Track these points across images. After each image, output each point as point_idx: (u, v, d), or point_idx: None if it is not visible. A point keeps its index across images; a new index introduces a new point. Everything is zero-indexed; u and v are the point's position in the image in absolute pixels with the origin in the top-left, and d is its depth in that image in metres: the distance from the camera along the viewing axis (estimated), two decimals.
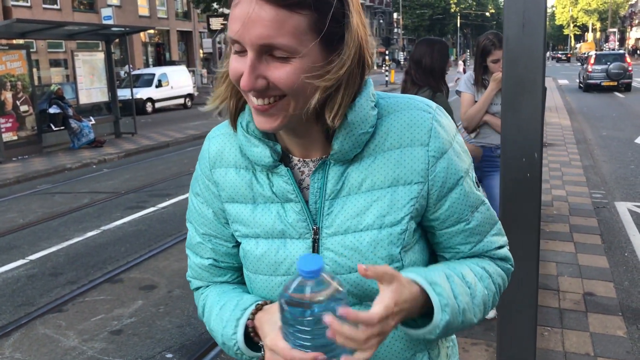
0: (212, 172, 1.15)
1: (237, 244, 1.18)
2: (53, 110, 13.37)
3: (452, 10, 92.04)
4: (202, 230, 1.19)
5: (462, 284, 1.04)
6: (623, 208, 6.90)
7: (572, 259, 5.07)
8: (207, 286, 1.23)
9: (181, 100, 26.22)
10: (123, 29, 15.69)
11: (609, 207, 6.90)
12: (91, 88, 14.86)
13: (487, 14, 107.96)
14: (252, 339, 1.07)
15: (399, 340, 1.09)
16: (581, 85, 26.65)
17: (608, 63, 24.48)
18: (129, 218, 7.42)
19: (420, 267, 1.06)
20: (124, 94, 16.66)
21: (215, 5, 34.72)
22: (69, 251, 6.22)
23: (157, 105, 24.63)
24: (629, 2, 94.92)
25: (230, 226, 1.15)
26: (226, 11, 31.96)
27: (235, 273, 1.22)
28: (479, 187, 1.13)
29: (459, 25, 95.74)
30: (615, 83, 24.31)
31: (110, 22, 24.66)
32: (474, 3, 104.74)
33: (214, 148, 1.16)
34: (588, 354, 3.54)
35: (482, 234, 1.12)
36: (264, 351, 1.05)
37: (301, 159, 1.09)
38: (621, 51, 30.90)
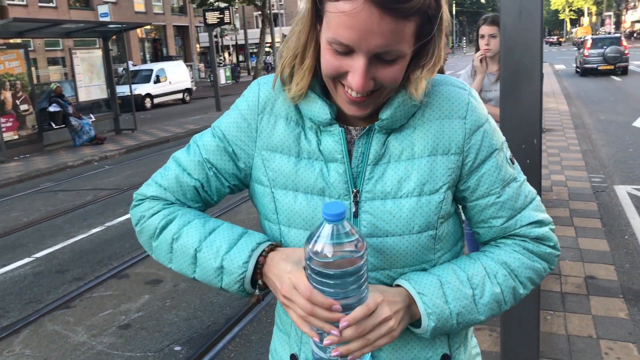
0: (259, 117, 1.16)
1: (231, 187, 1.21)
2: (53, 108, 13.38)
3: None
4: (207, 156, 1.19)
5: (461, 288, 1.08)
6: (622, 191, 6.94)
7: (573, 243, 5.12)
8: (172, 202, 1.19)
9: (179, 95, 26.23)
10: (120, 26, 15.68)
11: (608, 191, 6.94)
12: (90, 85, 14.87)
13: (483, 0, 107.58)
14: (253, 275, 1.09)
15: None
16: (578, 69, 26.77)
17: (604, 47, 24.62)
18: None
19: (415, 274, 1.10)
20: (122, 90, 16.68)
21: None
22: (74, 248, 6.27)
23: (156, 100, 24.64)
24: None
25: (266, 173, 1.15)
26: (222, 5, 31.91)
27: (204, 206, 1.23)
28: (513, 164, 1.16)
29: (454, 12, 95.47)
30: (612, 67, 24.43)
31: (107, 19, 24.65)
32: None
33: (265, 94, 1.17)
34: (591, 337, 3.59)
35: (514, 209, 1.14)
36: (258, 290, 1.10)
37: (346, 126, 1.13)
38: (617, 35, 31.12)
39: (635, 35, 72.11)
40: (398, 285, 1.09)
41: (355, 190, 1.10)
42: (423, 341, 1.15)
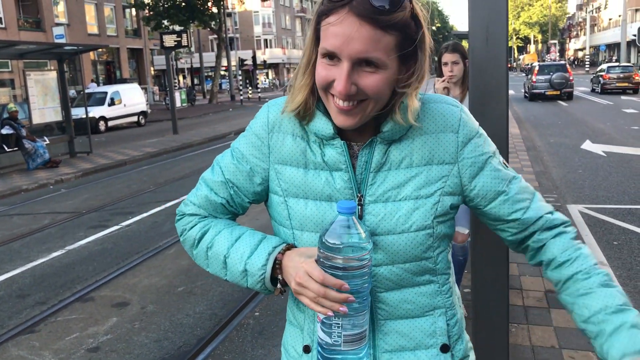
0: (269, 136, 1.30)
1: (252, 201, 1.37)
2: (5, 131, 13.05)
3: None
4: (229, 177, 1.34)
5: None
6: (575, 210, 7.26)
7: None
8: (205, 217, 1.38)
9: (135, 118, 25.91)
10: (76, 48, 15.48)
11: (562, 210, 7.24)
12: (44, 107, 14.59)
13: (434, 28, 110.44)
14: (273, 273, 1.24)
15: (422, 296, 1.28)
16: (526, 94, 28.07)
17: (551, 73, 26.09)
18: (93, 237, 7.35)
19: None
20: (76, 113, 16.38)
21: (165, 22, 34.66)
22: (34, 272, 6.13)
23: (110, 123, 24.28)
24: (567, 15, 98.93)
25: (279, 184, 1.30)
26: (177, 28, 31.87)
27: (234, 217, 1.41)
28: (507, 167, 1.30)
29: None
30: (558, 92, 25.76)
31: (63, 40, 24.27)
32: None
33: (273, 115, 1.31)
34: (553, 347, 3.75)
35: (525, 200, 1.27)
36: (279, 284, 1.25)
37: (348, 142, 1.26)
38: (563, 62, 32.70)
39: (577, 62, 75.44)
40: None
41: (359, 195, 1.23)
42: (425, 330, 1.28)
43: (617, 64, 33.17)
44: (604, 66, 30.82)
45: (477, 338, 3.06)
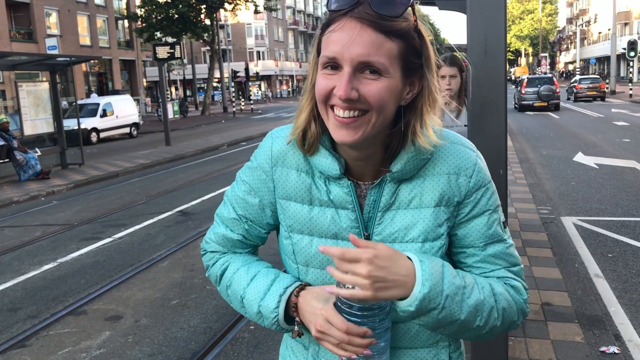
0: (272, 169, 1.27)
1: (268, 231, 1.35)
2: None
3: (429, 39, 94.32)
4: (241, 212, 1.32)
5: (456, 278, 1.12)
6: (569, 222, 7.27)
7: (527, 271, 5.32)
8: (225, 252, 1.37)
9: (127, 130, 25.85)
10: (69, 59, 15.44)
11: (556, 222, 7.26)
12: (36, 119, 14.52)
13: None
14: (289, 313, 1.22)
15: (425, 330, 1.24)
16: (516, 105, 29.60)
17: (539, 86, 27.92)
18: (85, 249, 7.28)
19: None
20: (67, 124, 16.30)
21: (158, 34, 34.70)
22: (26, 285, 6.05)
23: (102, 135, 24.21)
24: (557, 29, 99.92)
25: (284, 220, 1.27)
26: (170, 40, 31.91)
27: (255, 249, 1.40)
28: (505, 228, 1.25)
29: None
30: (546, 103, 27.43)
31: (55, 51, 24.21)
32: None
33: (277, 148, 1.27)
34: None
35: (495, 264, 1.22)
36: (297, 326, 1.22)
37: (355, 181, 1.23)
38: (550, 75, 35.31)
39: (567, 75, 76.11)
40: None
41: (366, 234, 1.21)
42: (428, 347, 1.26)
43: (587, 76, 39.06)
44: (577, 78, 36.45)
45: (476, 352, 3.04)
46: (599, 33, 71.38)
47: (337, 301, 1.10)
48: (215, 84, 50.23)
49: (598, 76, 39.22)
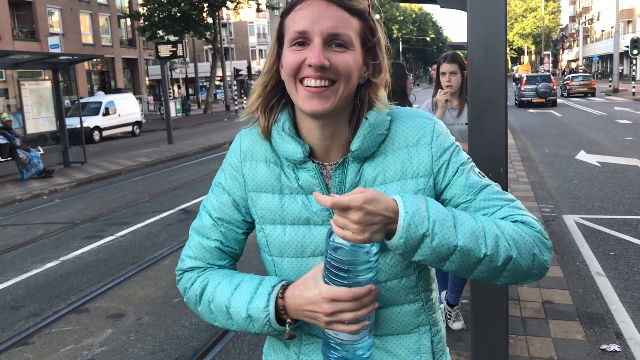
0: (242, 164, 1.31)
1: (245, 232, 1.34)
2: None
3: (395, 35, 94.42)
4: (217, 215, 1.32)
5: (441, 207, 1.12)
6: (570, 221, 7.27)
7: None
8: (204, 268, 1.33)
9: (129, 128, 25.88)
10: (71, 58, 15.46)
11: (558, 220, 7.26)
12: (38, 117, 14.55)
13: (428, 38, 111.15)
14: (278, 315, 1.20)
15: (406, 314, 1.27)
16: (516, 102, 31.65)
17: (537, 83, 29.96)
18: (88, 248, 7.30)
19: None
20: (70, 122, 16.33)
21: (160, 32, 34.72)
22: (28, 283, 6.08)
23: (105, 133, 24.24)
24: (560, 27, 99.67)
25: (255, 213, 1.29)
26: (172, 38, 31.92)
27: (232, 260, 1.36)
28: (483, 176, 1.26)
29: (401, 50, 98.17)
30: (543, 100, 29.41)
31: (58, 50, 24.25)
32: (415, 29, 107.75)
33: (246, 144, 1.32)
34: (552, 358, 3.74)
35: (492, 207, 1.20)
36: (288, 327, 1.21)
37: (320, 162, 1.26)
38: (547, 73, 36.57)
39: (569, 73, 75.94)
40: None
41: None
42: (410, 347, 1.27)
43: (579, 74, 42.21)
44: (569, 76, 40.28)
45: (476, 350, 3.05)
46: (602, 31, 71.21)
47: (326, 276, 1.11)
48: (217, 83, 50.27)
49: (589, 74, 42.76)
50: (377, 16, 1.25)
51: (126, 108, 25.59)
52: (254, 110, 1.27)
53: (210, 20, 37.76)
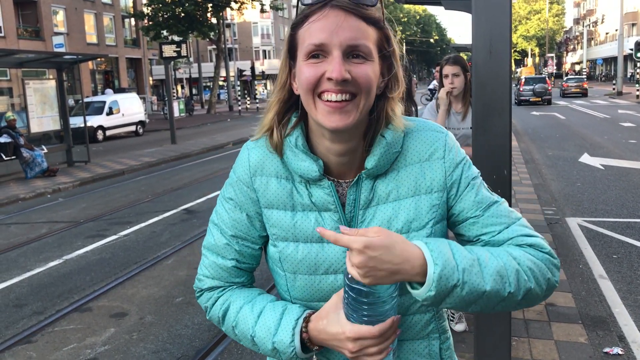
0: (252, 180, 1.26)
1: (261, 246, 1.31)
2: (3, 139, 13.02)
3: (398, 37, 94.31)
4: (231, 233, 1.29)
5: (466, 251, 1.11)
6: (574, 223, 7.26)
7: None
8: (224, 287, 1.32)
9: (133, 128, 25.94)
10: (75, 57, 15.49)
11: (561, 223, 7.25)
12: (43, 116, 14.58)
13: (432, 40, 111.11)
14: (304, 345, 1.20)
15: (417, 323, 1.27)
16: (515, 101, 34.70)
17: (534, 84, 34.55)
18: (91, 247, 7.32)
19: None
20: (74, 122, 16.37)
21: (164, 32, 34.78)
22: (31, 282, 6.09)
23: (108, 133, 24.30)
24: (564, 29, 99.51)
25: (268, 229, 1.26)
26: (176, 39, 31.96)
27: (250, 275, 1.35)
28: (492, 193, 1.27)
29: (404, 51, 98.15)
30: (540, 99, 33.73)
31: (62, 49, 24.30)
32: (419, 30, 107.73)
33: (255, 158, 1.27)
34: None
35: (500, 224, 1.21)
36: (315, 356, 1.22)
37: (335, 179, 1.24)
38: (543, 75, 41.62)
39: (569, 75, 75.97)
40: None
41: None
42: (420, 352, 1.28)
43: (573, 76, 47.45)
44: (565, 78, 46.55)
45: (479, 352, 3.05)
46: (606, 34, 71.07)
47: (347, 310, 1.11)
48: (221, 83, 50.31)
49: (582, 76, 46.18)
50: (392, 35, 1.20)
51: (130, 108, 25.64)
52: (270, 128, 1.24)
53: (214, 20, 37.82)
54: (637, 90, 33.03)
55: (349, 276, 1.06)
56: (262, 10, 39.90)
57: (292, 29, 1.18)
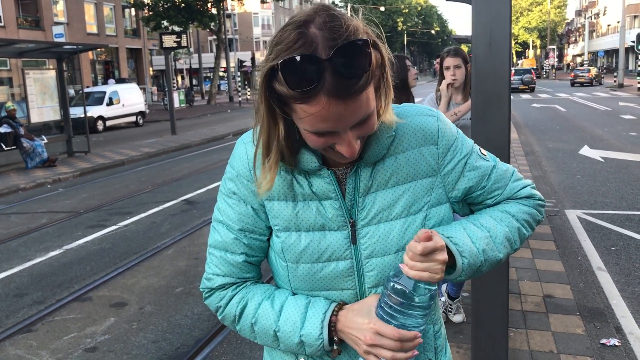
0: (251, 172, 1.25)
1: (269, 236, 1.31)
2: (4, 129, 13.02)
3: (399, 28, 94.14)
4: (239, 227, 1.28)
5: (479, 230, 1.25)
6: (573, 215, 7.27)
7: (530, 264, 5.34)
8: (236, 284, 1.31)
9: (133, 118, 25.92)
10: (76, 47, 15.46)
11: (560, 215, 7.26)
12: (43, 107, 14.57)
13: (433, 31, 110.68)
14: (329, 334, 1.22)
15: None
16: None
17: (522, 75, 40.63)
18: (91, 237, 7.34)
19: (440, 227, 1.26)
20: (74, 112, 16.36)
21: (165, 23, 34.66)
22: (32, 271, 6.11)
23: (108, 123, 24.29)
24: (565, 21, 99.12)
25: (270, 220, 1.27)
26: (176, 29, 31.86)
27: (258, 270, 1.35)
28: (485, 157, 1.32)
29: (405, 42, 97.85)
30: (527, 87, 40.08)
31: (62, 39, 24.23)
32: (420, 21, 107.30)
33: (252, 151, 1.26)
34: (552, 352, 3.75)
35: (500, 187, 1.32)
36: (336, 345, 1.23)
37: (331, 168, 1.25)
38: (529, 68, 47.18)
39: (570, 67, 75.91)
40: None
41: (352, 221, 1.24)
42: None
43: (583, 68, 49.07)
44: (575, 69, 50.53)
45: (477, 343, 3.07)
46: (608, 26, 70.83)
47: (379, 310, 1.15)
48: (221, 74, 50.19)
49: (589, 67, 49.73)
50: (377, 36, 1.12)
51: (130, 98, 25.61)
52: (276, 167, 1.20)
53: (214, 11, 37.68)
54: (639, 82, 32.96)
55: (395, 278, 1.13)
56: (263, 1, 39.83)
57: (284, 96, 1.06)
